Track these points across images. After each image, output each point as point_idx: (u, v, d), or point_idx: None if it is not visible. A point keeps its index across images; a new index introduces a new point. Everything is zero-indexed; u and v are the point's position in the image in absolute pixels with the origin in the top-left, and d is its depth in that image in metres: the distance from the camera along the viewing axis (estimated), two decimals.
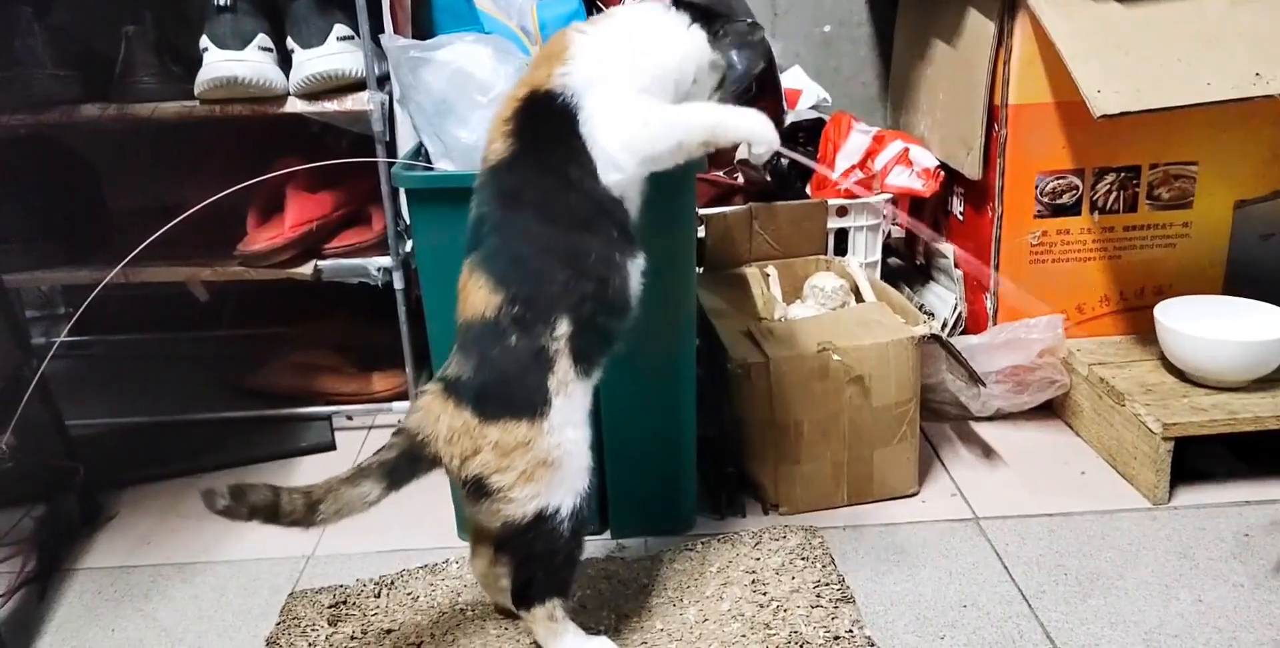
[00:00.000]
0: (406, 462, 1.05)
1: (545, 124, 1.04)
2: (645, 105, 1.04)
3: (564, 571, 1.09)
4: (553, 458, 1.03)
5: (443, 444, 1.03)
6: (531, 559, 1.07)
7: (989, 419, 1.63)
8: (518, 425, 1.02)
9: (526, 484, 1.02)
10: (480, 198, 1.07)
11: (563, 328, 1.02)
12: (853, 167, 1.73)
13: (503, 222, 1.04)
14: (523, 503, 1.03)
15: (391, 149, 1.55)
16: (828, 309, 1.56)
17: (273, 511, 1.02)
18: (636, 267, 1.07)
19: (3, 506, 1.47)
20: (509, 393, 1.02)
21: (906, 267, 2.01)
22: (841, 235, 1.74)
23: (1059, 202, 1.62)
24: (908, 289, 1.93)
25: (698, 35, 1.10)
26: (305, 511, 1.02)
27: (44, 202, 1.69)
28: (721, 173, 1.80)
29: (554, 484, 1.03)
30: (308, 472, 1.60)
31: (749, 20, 1.11)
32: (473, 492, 1.04)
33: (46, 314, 2.12)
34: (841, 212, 1.72)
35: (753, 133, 1.08)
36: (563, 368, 1.03)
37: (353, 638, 1.18)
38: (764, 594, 1.21)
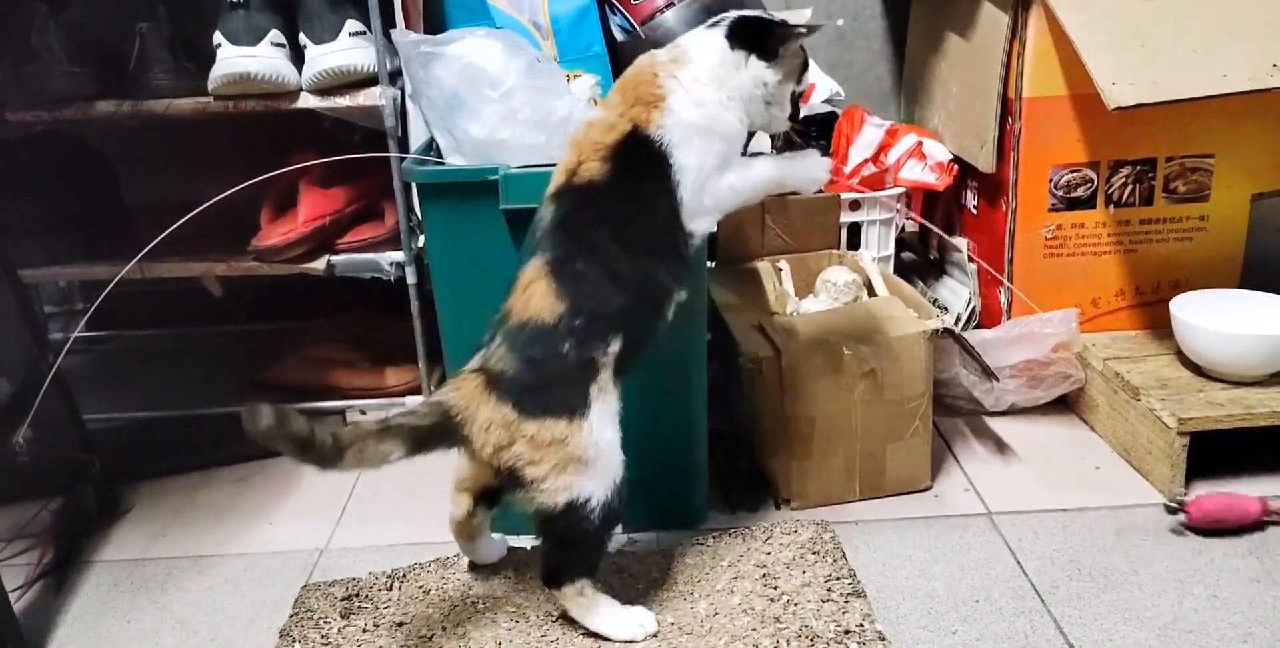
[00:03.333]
0: (436, 434, 1.08)
1: (645, 162, 1.10)
2: (730, 171, 1.13)
3: (592, 555, 1.14)
4: (587, 456, 1.07)
5: (478, 430, 1.07)
6: (562, 545, 1.12)
7: (1003, 414, 1.63)
8: (556, 424, 1.06)
9: (559, 476, 1.07)
10: (560, 207, 1.11)
11: (615, 346, 1.08)
12: (866, 160, 1.72)
13: (583, 237, 1.09)
14: (554, 494, 1.08)
15: (404, 144, 1.56)
16: (840, 303, 1.56)
17: (306, 443, 1.03)
18: (682, 295, 1.15)
19: (21, 498, 1.48)
20: (552, 395, 1.07)
21: (920, 261, 2.01)
22: (854, 229, 1.74)
23: (1074, 195, 1.61)
24: (921, 283, 1.92)
25: (757, 68, 1.14)
26: (333, 453, 1.04)
27: (61, 197, 1.70)
28: None
29: (585, 478, 1.08)
30: None
31: (799, 28, 1.14)
32: (507, 480, 1.09)
33: (64, 310, 2.14)
34: (854, 206, 1.72)
35: (811, 182, 1.23)
36: (605, 378, 1.08)
37: (365, 631, 1.19)
38: (775, 588, 1.20)
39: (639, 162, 1.10)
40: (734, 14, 1.17)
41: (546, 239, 1.10)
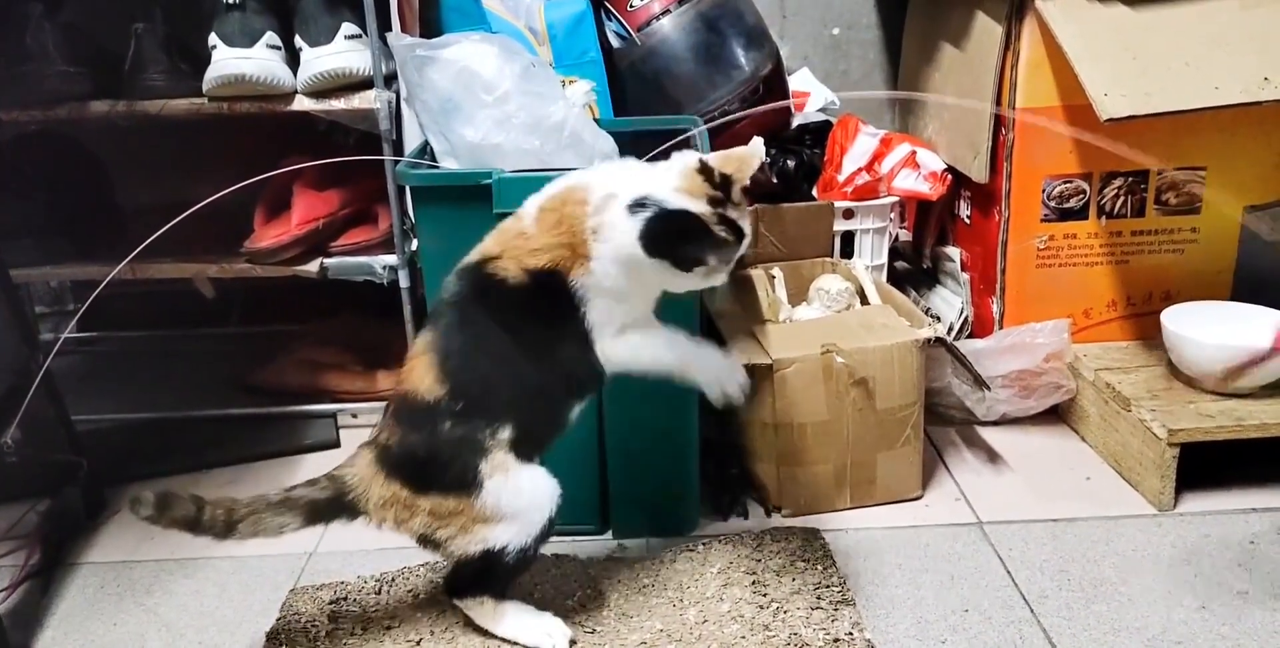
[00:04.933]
0: (332, 508, 1.09)
1: (561, 293, 1.05)
2: (635, 333, 1.09)
3: (500, 585, 1.14)
4: (493, 516, 1.07)
5: (374, 508, 1.09)
6: (474, 575, 1.12)
7: (994, 424, 1.63)
8: (447, 499, 1.06)
9: (468, 535, 1.08)
10: (462, 288, 1.08)
11: (505, 433, 1.06)
12: (860, 169, 1.72)
13: (481, 331, 1.07)
14: (467, 547, 1.08)
15: (398, 147, 1.55)
16: (833, 311, 1.56)
17: (193, 522, 1.05)
18: (588, 401, 1.14)
19: (7, 500, 1.48)
20: (437, 471, 1.06)
21: (913, 270, 2.01)
22: (848, 238, 1.74)
23: (1066, 206, 1.61)
24: (914, 293, 1.93)
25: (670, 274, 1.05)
26: (224, 528, 1.06)
27: (54, 197, 1.69)
28: None
29: (499, 530, 1.07)
30: (311, 469, 1.57)
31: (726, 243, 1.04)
32: (425, 544, 1.11)
33: (56, 310, 2.13)
34: (848, 214, 1.72)
35: (715, 383, 1.14)
36: (499, 457, 1.06)
37: (352, 634, 1.18)
38: (764, 596, 1.20)
39: (555, 291, 1.05)
40: (655, 205, 1.01)
41: (443, 316, 1.09)
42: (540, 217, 1.07)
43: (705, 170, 1.03)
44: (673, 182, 1.02)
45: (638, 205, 1.01)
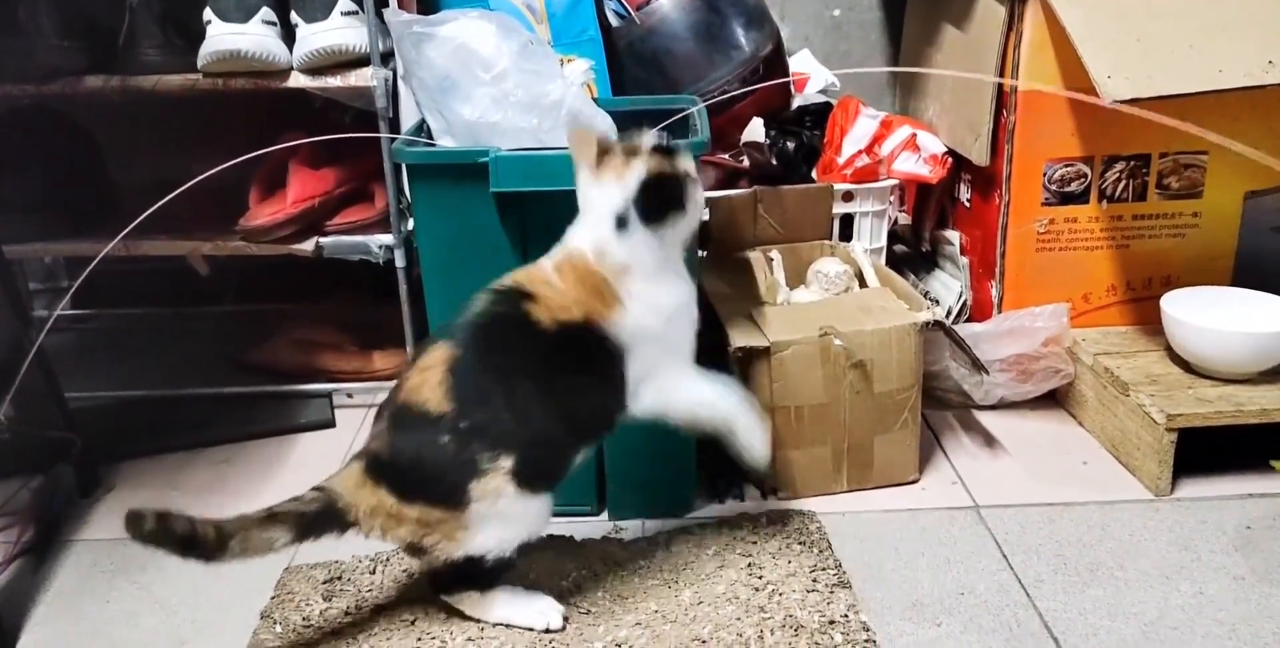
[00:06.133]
0: (322, 521, 1.08)
1: (596, 344, 1.08)
2: (673, 380, 1.13)
3: (486, 584, 1.13)
4: (481, 524, 1.06)
5: (363, 517, 1.07)
6: (456, 575, 1.12)
7: (992, 408, 1.63)
8: (434, 510, 1.06)
9: (453, 542, 1.07)
10: (494, 310, 1.09)
11: (506, 462, 1.05)
12: (859, 152, 1.71)
13: (502, 360, 1.07)
14: (452, 552, 1.08)
15: (395, 125, 1.54)
16: (831, 294, 1.55)
17: (188, 540, 1.03)
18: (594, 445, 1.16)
19: (0, 477, 1.47)
20: (426, 482, 1.05)
21: (912, 253, 2.00)
22: (847, 221, 1.73)
23: (1067, 189, 1.60)
24: (913, 276, 1.92)
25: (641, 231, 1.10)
26: (215, 546, 1.04)
27: (47, 173, 1.68)
28: (727, 156, 1.79)
29: (484, 536, 1.07)
30: (307, 449, 1.59)
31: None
32: (411, 551, 1.11)
33: (50, 287, 2.12)
34: (847, 197, 1.71)
35: (756, 443, 1.18)
36: (494, 482, 1.05)
37: (347, 614, 1.18)
38: (760, 578, 1.20)
39: (590, 344, 1.08)
40: (626, 204, 1.09)
41: (466, 333, 1.07)
42: (561, 272, 1.10)
43: (603, 152, 1.10)
44: (613, 192, 1.09)
45: (620, 220, 1.08)
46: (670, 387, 1.12)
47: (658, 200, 1.09)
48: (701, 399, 1.14)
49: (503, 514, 1.06)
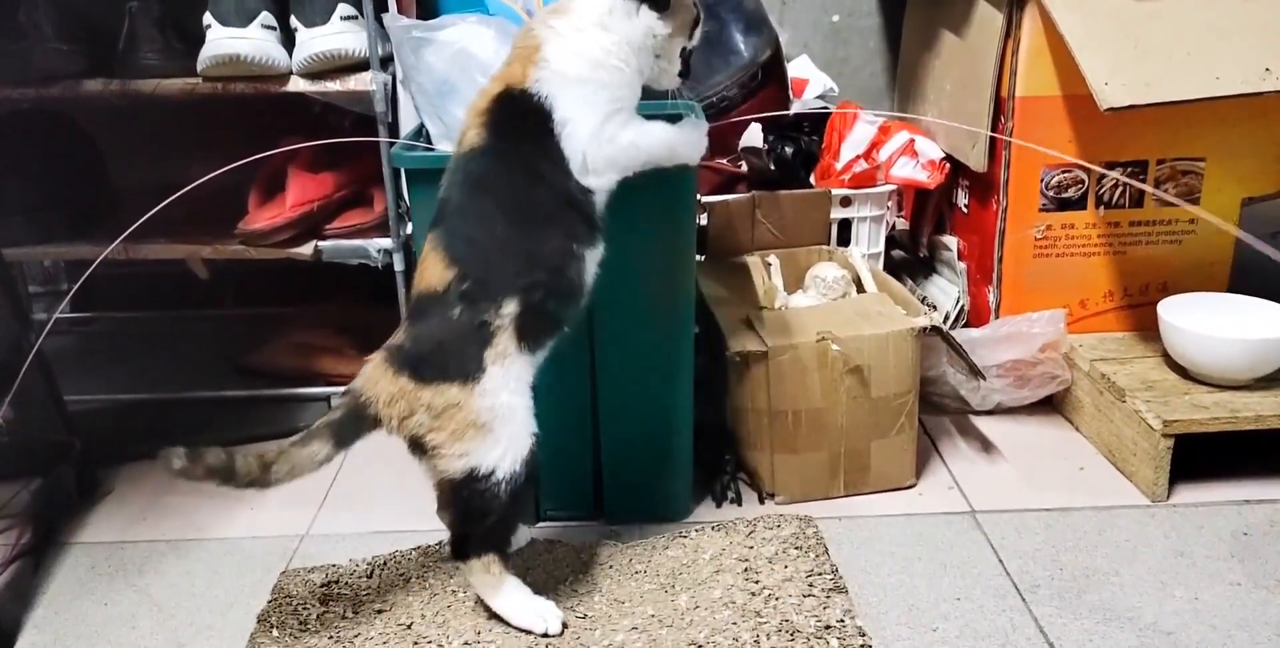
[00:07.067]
0: (351, 422, 1.10)
1: (521, 121, 1.09)
2: (610, 121, 1.09)
3: (499, 530, 1.14)
4: (483, 420, 1.07)
5: (383, 407, 1.08)
6: (468, 517, 1.12)
7: (989, 413, 1.63)
8: (449, 387, 1.06)
9: (457, 443, 1.07)
10: (449, 180, 1.12)
11: (509, 308, 1.07)
12: (857, 157, 1.71)
13: (467, 205, 1.10)
14: (453, 459, 1.08)
15: (394, 130, 1.55)
16: (829, 299, 1.55)
17: (228, 472, 1.07)
18: (595, 256, 1.12)
19: (0, 479, 1.48)
20: (444, 359, 1.07)
21: (910, 258, 2.00)
22: (845, 226, 1.73)
23: (1064, 195, 1.61)
24: (910, 281, 1.92)
25: (649, 19, 1.11)
26: (260, 471, 1.07)
27: (47, 176, 1.68)
28: (725, 160, 1.79)
29: (486, 445, 1.08)
30: None
31: None
32: (413, 449, 1.11)
33: (49, 290, 2.12)
34: (845, 202, 1.71)
35: (697, 154, 1.17)
36: (503, 342, 1.07)
37: (344, 617, 1.18)
38: (756, 583, 1.20)
39: (515, 122, 1.08)
40: None
41: (439, 210, 1.11)
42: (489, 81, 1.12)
43: None
44: None
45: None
46: (608, 134, 1.09)
47: None
48: (653, 140, 1.12)
49: (506, 399, 1.07)
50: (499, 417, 1.08)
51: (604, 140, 1.08)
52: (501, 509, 1.10)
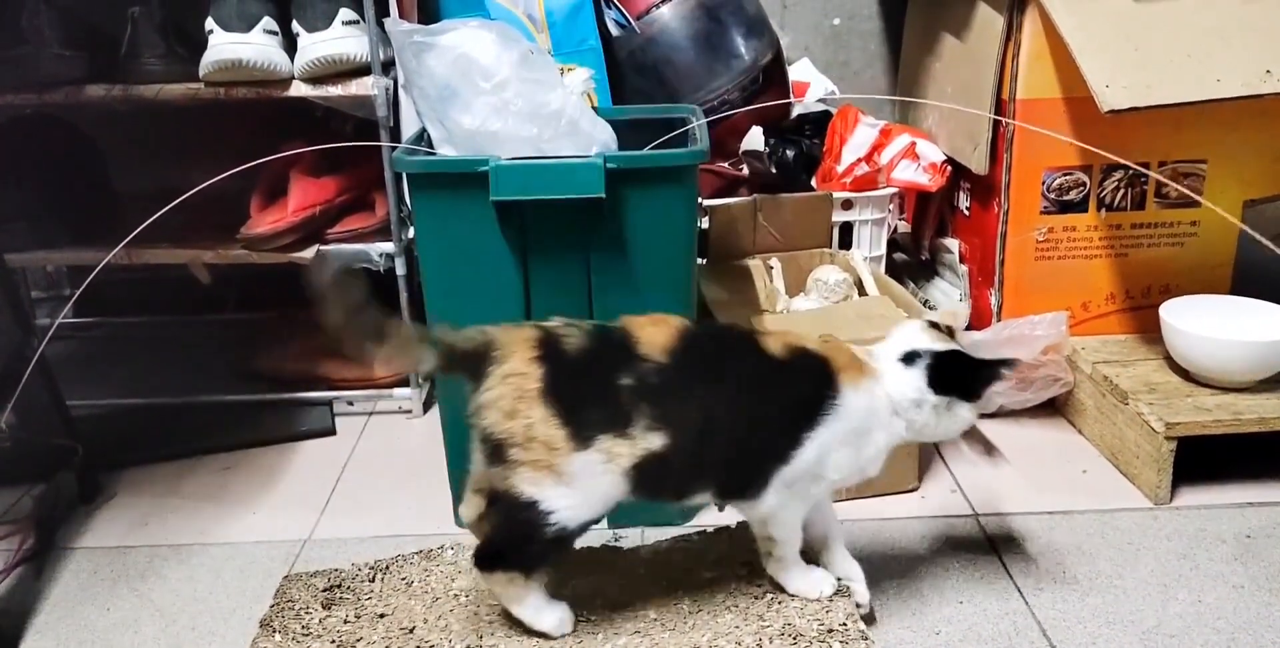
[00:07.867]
0: (468, 360, 1.04)
1: (809, 381, 1.08)
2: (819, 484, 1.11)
3: (534, 559, 1.11)
4: (567, 475, 1.03)
5: (499, 376, 1.02)
6: (510, 539, 1.09)
7: (991, 416, 1.62)
8: (559, 431, 1.02)
9: (537, 472, 1.03)
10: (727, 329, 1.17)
11: (653, 441, 1.03)
12: (859, 160, 1.71)
13: (717, 366, 1.07)
14: (525, 484, 1.04)
15: (396, 134, 1.55)
16: (830, 302, 1.55)
17: (356, 309, 1.02)
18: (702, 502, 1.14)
19: (2, 484, 1.48)
20: (575, 408, 1.02)
21: (912, 261, 2.00)
22: (846, 229, 1.74)
23: (1066, 198, 1.61)
24: (912, 284, 1.92)
25: (963, 409, 1.13)
26: (374, 333, 1.03)
27: (49, 182, 1.69)
28: (726, 164, 1.79)
29: (559, 494, 1.04)
30: (307, 456, 1.60)
31: (1003, 370, 1.13)
32: (491, 453, 1.05)
33: (52, 295, 2.13)
34: (847, 205, 1.71)
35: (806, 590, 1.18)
36: (623, 453, 1.03)
37: (346, 622, 1.18)
38: (759, 586, 1.20)
39: (803, 378, 1.08)
40: (926, 352, 1.10)
41: (703, 328, 1.11)
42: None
43: (934, 325, 1.14)
44: (924, 337, 1.12)
45: (910, 357, 1.10)
46: (797, 495, 1.10)
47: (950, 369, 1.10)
48: (791, 522, 1.14)
49: (597, 483, 1.04)
50: (580, 482, 1.04)
51: (777, 495, 1.10)
52: (544, 543, 1.07)
